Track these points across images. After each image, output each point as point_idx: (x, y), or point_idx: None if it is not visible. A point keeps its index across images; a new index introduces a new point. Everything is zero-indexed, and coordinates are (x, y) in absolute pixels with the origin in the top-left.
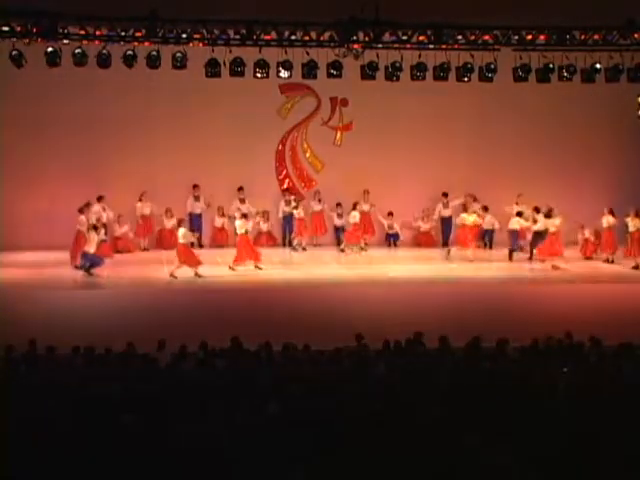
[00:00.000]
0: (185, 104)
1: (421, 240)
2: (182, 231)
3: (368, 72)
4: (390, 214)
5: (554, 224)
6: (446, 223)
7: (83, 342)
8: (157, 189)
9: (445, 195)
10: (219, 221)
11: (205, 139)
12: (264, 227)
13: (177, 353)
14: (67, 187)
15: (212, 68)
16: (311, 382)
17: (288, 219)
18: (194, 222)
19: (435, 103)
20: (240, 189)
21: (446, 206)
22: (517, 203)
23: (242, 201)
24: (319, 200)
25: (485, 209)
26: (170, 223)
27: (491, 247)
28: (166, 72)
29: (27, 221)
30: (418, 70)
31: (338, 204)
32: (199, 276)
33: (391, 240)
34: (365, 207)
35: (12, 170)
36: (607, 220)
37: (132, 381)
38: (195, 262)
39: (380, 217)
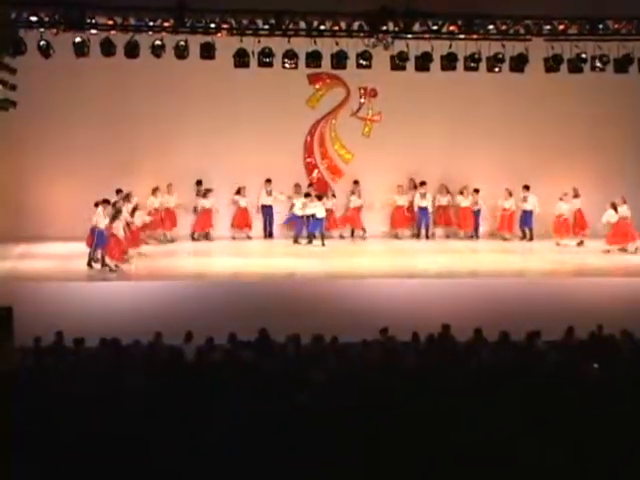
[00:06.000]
0: (213, 95)
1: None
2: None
3: (398, 62)
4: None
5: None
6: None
7: (110, 334)
8: (183, 180)
9: (476, 190)
10: (243, 201)
11: (233, 130)
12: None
13: (204, 345)
14: (94, 179)
15: (240, 58)
16: (339, 374)
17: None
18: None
19: (465, 94)
20: (268, 181)
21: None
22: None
23: (269, 193)
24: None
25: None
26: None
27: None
28: (194, 63)
29: (54, 212)
30: (448, 60)
31: (355, 182)
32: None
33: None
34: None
35: (39, 161)
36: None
37: (159, 373)
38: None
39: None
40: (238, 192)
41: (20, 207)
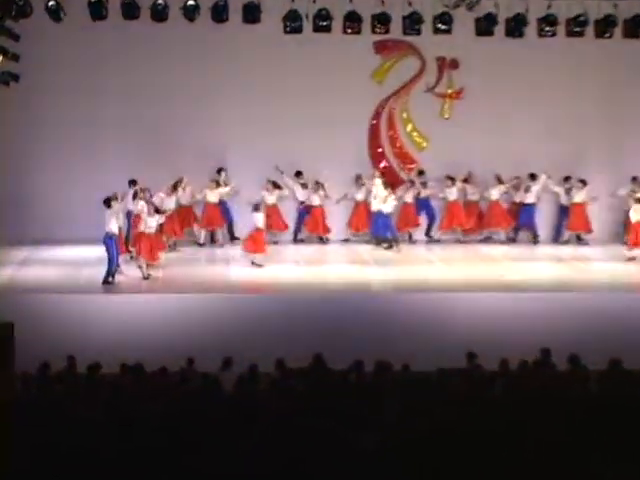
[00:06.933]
0: (257, 67)
1: None
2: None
3: (484, 27)
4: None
5: None
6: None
7: (132, 359)
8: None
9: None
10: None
11: (281, 109)
12: None
13: (246, 373)
14: (112, 169)
15: (292, 22)
16: (411, 410)
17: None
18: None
19: (568, 65)
20: (298, 174)
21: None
22: None
23: (304, 187)
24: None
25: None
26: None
27: None
28: (234, 27)
29: (64, 210)
30: (547, 24)
31: (420, 172)
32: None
33: None
34: (359, 195)
35: (45, 148)
36: None
37: (191, 406)
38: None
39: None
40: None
41: (22, 204)
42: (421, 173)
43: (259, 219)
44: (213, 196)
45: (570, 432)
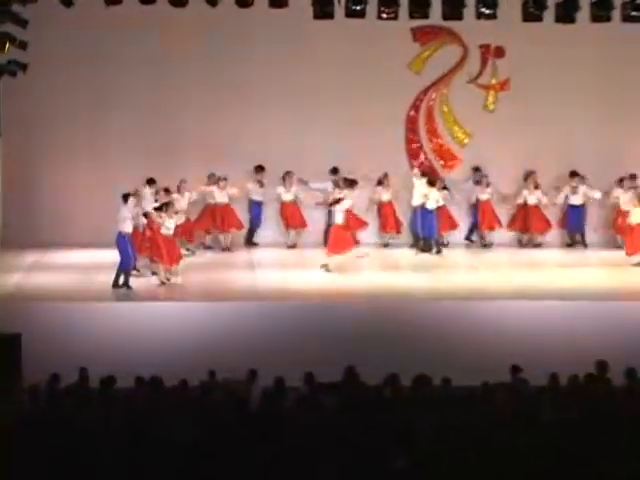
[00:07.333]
0: (284, 55)
1: None
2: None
3: (532, 11)
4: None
5: None
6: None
7: (148, 372)
8: (246, 164)
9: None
10: (386, 195)
11: (309, 102)
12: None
13: (272, 387)
14: (127, 167)
15: (322, 7)
16: (451, 429)
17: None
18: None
19: (625, 53)
20: (333, 171)
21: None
22: None
23: (336, 184)
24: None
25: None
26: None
27: None
28: (260, 12)
29: (74, 210)
30: (601, 8)
31: (476, 169)
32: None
33: None
34: (385, 196)
35: (55, 144)
36: None
37: (212, 423)
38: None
39: None
40: (380, 183)
41: (30, 204)
42: (477, 170)
43: (338, 216)
44: (221, 196)
45: (627, 452)
